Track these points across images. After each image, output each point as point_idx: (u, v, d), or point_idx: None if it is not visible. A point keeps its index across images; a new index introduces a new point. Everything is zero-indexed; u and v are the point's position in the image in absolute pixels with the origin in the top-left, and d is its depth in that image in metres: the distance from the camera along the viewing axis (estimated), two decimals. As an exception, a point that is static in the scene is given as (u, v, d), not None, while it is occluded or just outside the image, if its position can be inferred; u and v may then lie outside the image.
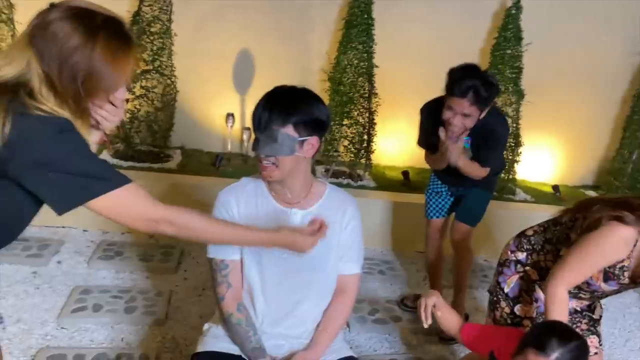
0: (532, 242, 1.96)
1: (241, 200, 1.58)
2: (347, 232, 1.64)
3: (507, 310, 1.98)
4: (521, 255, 1.97)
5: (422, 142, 2.66)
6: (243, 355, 1.59)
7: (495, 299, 2.02)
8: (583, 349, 1.54)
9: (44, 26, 1.12)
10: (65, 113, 1.14)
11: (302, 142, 1.49)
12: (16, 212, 1.24)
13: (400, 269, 3.46)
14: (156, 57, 3.72)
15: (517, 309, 1.96)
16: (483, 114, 2.36)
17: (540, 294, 1.89)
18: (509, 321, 1.97)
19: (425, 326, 1.73)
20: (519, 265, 1.97)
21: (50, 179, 1.13)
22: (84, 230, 3.38)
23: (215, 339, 1.64)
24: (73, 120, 1.15)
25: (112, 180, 1.18)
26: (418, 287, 3.25)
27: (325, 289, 1.65)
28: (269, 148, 1.47)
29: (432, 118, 2.48)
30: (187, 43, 3.96)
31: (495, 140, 2.48)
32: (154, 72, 3.73)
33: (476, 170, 2.48)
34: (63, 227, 3.36)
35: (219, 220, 1.47)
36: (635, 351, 2.91)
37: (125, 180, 1.19)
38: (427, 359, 2.58)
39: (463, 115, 2.31)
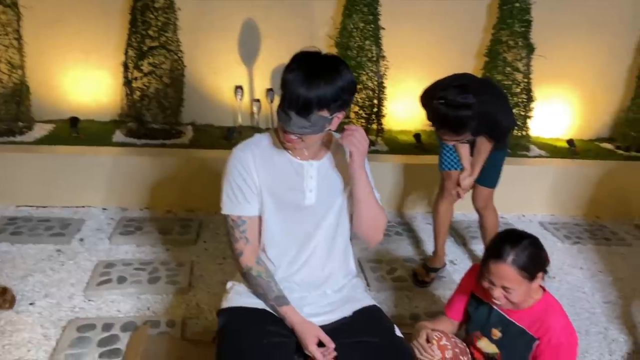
0: None
1: (257, 156, 1.59)
2: None
3: None
4: None
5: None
6: (267, 308, 1.62)
7: None
8: (535, 244, 1.65)
9: None
10: None
11: (332, 118, 1.49)
12: None
13: (416, 229, 3.48)
14: (161, 32, 3.70)
15: None
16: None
17: None
18: None
19: None
20: None
21: None
22: (104, 209, 3.43)
23: (238, 295, 1.68)
24: None
25: None
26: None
27: (341, 230, 1.67)
28: (302, 129, 1.45)
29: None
30: (191, 17, 3.94)
31: (497, 129, 2.50)
32: (160, 48, 3.72)
33: (485, 153, 2.58)
34: (83, 206, 3.43)
35: None
36: None
37: None
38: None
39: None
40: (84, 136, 3.76)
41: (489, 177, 2.72)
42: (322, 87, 1.41)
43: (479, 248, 3.29)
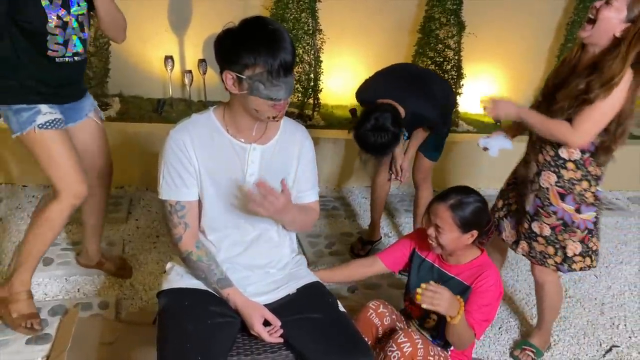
0: None
1: (195, 138, 1.52)
2: (303, 164, 1.64)
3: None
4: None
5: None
6: (209, 290, 1.59)
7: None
8: (480, 204, 1.78)
9: None
10: None
11: None
12: None
13: (353, 204, 3.54)
14: (83, -4, 3.44)
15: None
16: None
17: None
18: None
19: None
20: None
21: None
22: (23, 186, 3.21)
23: (179, 276, 1.63)
24: None
25: None
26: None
27: None
28: (291, 88, 1.48)
29: None
30: (116, -19, 3.69)
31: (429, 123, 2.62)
32: (82, 13, 3.46)
33: (420, 139, 2.67)
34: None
35: None
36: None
37: None
38: (384, 283, 2.68)
39: None
40: (-2, 107, 3.47)
41: (433, 149, 2.78)
42: (287, 41, 1.42)
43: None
